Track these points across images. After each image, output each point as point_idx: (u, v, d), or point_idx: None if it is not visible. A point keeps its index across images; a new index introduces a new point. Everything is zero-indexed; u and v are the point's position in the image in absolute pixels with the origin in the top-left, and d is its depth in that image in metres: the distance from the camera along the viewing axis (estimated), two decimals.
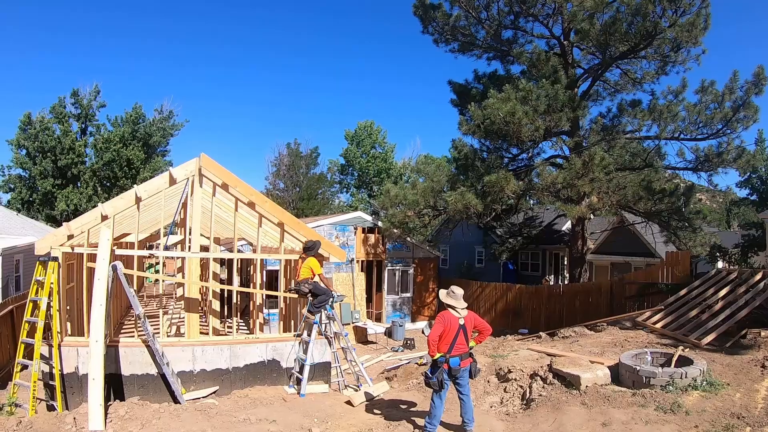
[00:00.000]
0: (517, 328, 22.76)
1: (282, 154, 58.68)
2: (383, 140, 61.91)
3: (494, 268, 33.73)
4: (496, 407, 9.84)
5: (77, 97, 50.82)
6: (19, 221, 34.47)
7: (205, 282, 13.82)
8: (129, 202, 11.06)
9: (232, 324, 12.84)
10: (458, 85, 26.74)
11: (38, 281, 10.59)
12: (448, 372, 8.03)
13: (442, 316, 8.10)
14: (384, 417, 9.57)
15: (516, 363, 11.03)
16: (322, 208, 55.31)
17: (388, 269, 27.37)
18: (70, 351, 10.47)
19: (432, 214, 25.06)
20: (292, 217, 12.46)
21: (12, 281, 24.07)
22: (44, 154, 47.29)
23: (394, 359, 19.36)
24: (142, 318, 10.59)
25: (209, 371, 11.18)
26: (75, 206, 45.52)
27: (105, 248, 10.38)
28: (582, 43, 21.99)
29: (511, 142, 22.33)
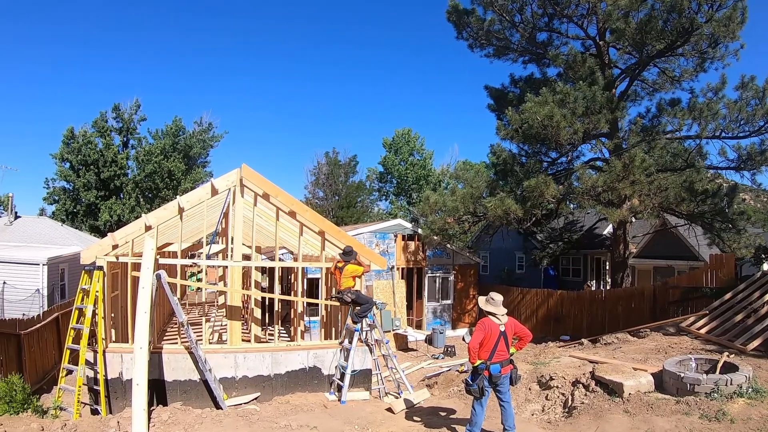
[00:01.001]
0: (558, 334, 22.51)
1: (321, 163, 59.03)
2: (421, 147, 61.79)
3: (535, 274, 33.37)
4: (538, 415, 9.74)
5: (118, 112, 52.02)
6: (63, 232, 35.27)
7: (247, 290, 13.94)
8: (172, 213, 11.30)
9: (273, 331, 12.95)
10: (495, 89, 26.58)
11: (84, 290, 10.87)
12: (488, 379, 7.95)
13: (482, 323, 8.04)
14: (424, 424, 9.53)
15: (558, 370, 10.91)
16: (361, 216, 55.44)
17: (428, 276, 27.32)
18: (114, 357, 10.73)
19: (472, 221, 24.89)
20: (333, 226, 12.53)
21: (57, 289, 24.70)
22: (87, 167, 48.44)
23: (435, 366, 19.28)
24: (185, 325, 10.74)
25: (251, 378, 11.31)
26: (118, 217, 46.48)
27: (149, 257, 10.59)
28: (618, 42, 21.65)
29: (550, 145, 22.12)
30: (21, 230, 33.30)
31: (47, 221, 38.96)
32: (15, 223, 34.80)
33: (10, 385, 10.11)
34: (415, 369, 19.02)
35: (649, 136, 21.47)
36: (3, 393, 10.03)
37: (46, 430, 8.85)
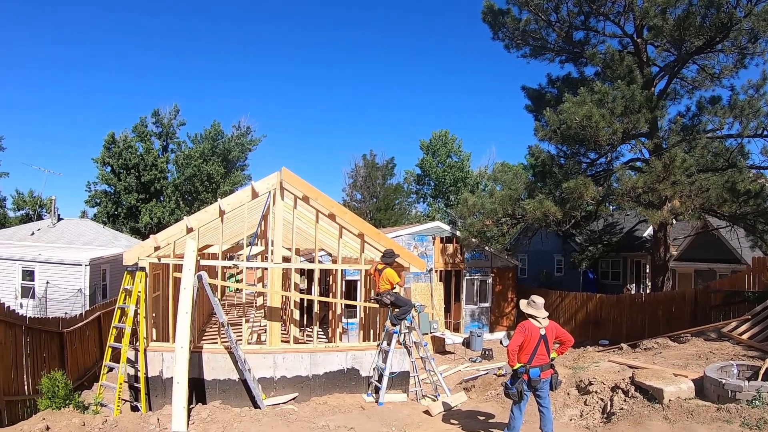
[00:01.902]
0: (597, 339, 22.18)
1: (358, 166, 59.19)
2: (458, 149, 61.50)
3: (574, 277, 32.96)
4: (576, 420, 9.61)
5: (158, 117, 53.04)
6: (105, 233, 35.99)
7: (286, 291, 14.04)
8: (213, 215, 11.47)
9: (311, 333, 13.01)
10: (532, 90, 26.38)
11: (126, 290, 11.08)
12: (528, 383, 7.87)
13: (522, 326, 7.96)
14: (462, 427, 9.49)
15: (597, 375, 10.75)
16: (399, 219, 55.45)
17: (466, 279, 27.23)
18: (155, 355, 10.92)
19: (510, 223, 24.64)
20: (372, 228, 12.54)
21: (99, 289, 25.23)
22: (128, 171, 49.38)
23: (472, 370, 19.20)
24: (225, 326, 10.87)
25: (289, 378, 11.39)
26: (158, 219, 47.26)
27: (191, 259, 10.76)
28: (656, 39, 21.27)
29: (589, 146, 21.84)
30: (63, 232, 34.07)
31: (89, 223, 39.79)
32: (58, 225, 35.61)
33: (53, 381, 10.32)
34: (453, 372, 18.96)
35: (689, 136, 21.04)
36: (46, 389, 10.26)
37: (87, 425, 9.04)
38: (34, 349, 12.17)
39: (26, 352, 11.70)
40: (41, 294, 24.12)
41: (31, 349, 11.98)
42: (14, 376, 11.00)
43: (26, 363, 11.70)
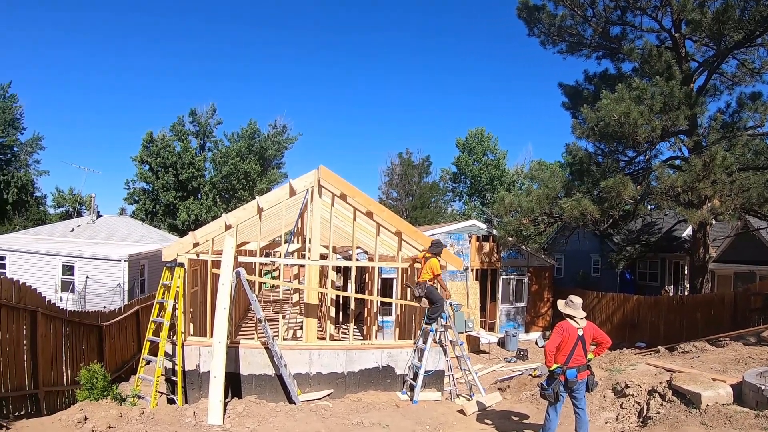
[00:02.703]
0: (634, 341, 21.85)
1: (394, 164, 59.36)
2: (495, 147, 61.18)
3: (611, 278, 32.47)
4: (611, 423, 9.45)
5: (195, 116, 53.76)
6: (143, 230, 36.56)
7: (322, 288, 14.08)
8: (251, 213, 11.58)
9: (346, 330, 13.04)
10: (569, 87, 26.09)
11: (165, 285, 11.25)
12: (564, 384, 7.78)
13: (560, 326, 7.85)
14: (496, 428, 9.41)
15: (633, 378, 10.56)
16: (435, 217, 55.41)
17: (502, 278, 27.05)
18: (192, 350, 11.07)
19: (547, 222, 24.44)
20: (410, 226, 12.52)
21: (138, 284, 25.67)
22: (166, 169, 50.13)
23: (507, 370, 19.07)
24: (263, 321, 10.97)
25: (325, 374, 11.45)
26: (196, 216, 47.89)
27: (229, 255, 10.87)
28: (694, 34, 20.85)
29: (627, 144, 21.47)
30: (103, 228, 34.68)
31: (128, 220, 40.46)
32: (97, 221, 36.25)
33: (92, 373, 10.54)
34: (487, 372, 18.86)
35: (729, 133, 20.56)
36: (85, 380, 10.49)
37: (125, 416, 9.21)
38: (74, 341, 12.40)
39: (66, 345, 11.93)
40: (81, 288, 24.60)
41: (71, 342, 12.21)
42: (54, 368, 11.22)
43: (66, 355, 11.93)
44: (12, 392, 9.41)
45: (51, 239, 30.78)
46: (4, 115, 54.27)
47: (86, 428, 8.28)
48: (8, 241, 29.29)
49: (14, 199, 54.99)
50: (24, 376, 9.99)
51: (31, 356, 10.23)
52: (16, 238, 31.80)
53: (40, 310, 10.45)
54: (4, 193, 54.63)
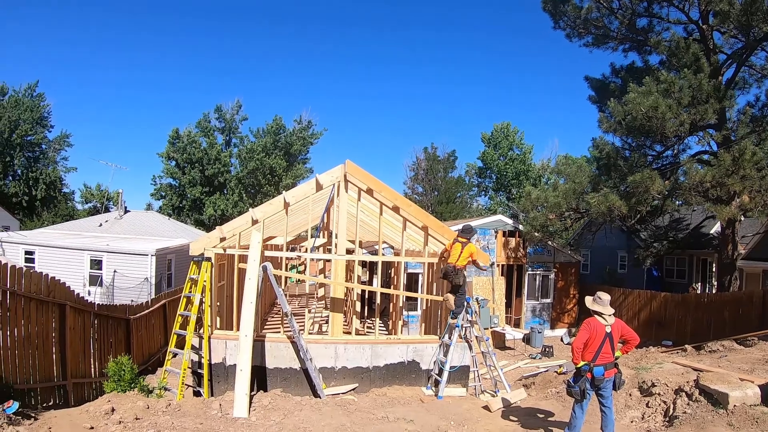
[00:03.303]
0: (660, 339, 21.59)
1: (420, 159, 59.27)
2: (520, 141, 60.70)
3: (637, 275, 32.11)
4: (637, 422, 9.34)
5: (221, 112, 54.16)
6: (170, 225, 36.93)
7: (349, 283, 14.09)
8: (278, 207, 11.65)
9: (371, 324, 13.05)
10: (595, 80, 25.87)
11: (192, 279, 11.35)
12: (591, 381, 7.71)
13: (588, 323, 7.77)
14: (521, 425, 9.35)
15: (660, 376, 10.43)
16: (460, 212, 55.25)
17: (528, 273, 26.91)
18: (218, 343, 11.18)
19: (574, 217, 24.27)
20: (436, 221, 12.49)
21: (165, 278, 25.99)
22: (192, 165, 50.60)
23: (532, 366, 18.97)
24: (289, 316, 11.03)
25: (350, 369, 11.49)
26: (222, 211, 48.25)
27: (256, 250, 10.95)
28: (722, 26, 20.52)
29: (655, 138, 21.20)
30: (130, 223, 35.08)
31: (155, 215, 40.87)
32: (125, 217, 36.68)
33: (119, 365, 10.66)
34: (512, 368, 18.78)
35: (759, 127, 20.26)
36: (112, 372, 10.62)
37: (151, 408, 9.31)
38: (102, 334, 12.59)
39: (94, 337, 12.12)
40: (108, 282, 24.92)
41: (99, 335, 12.41)
42: (82, 360, 11.42)
43: (93, 347, 12.12)
44: (41, 384, 9.60)
45: (79, 234, 31.22)
46: (32, 113, 55.16)
47: (113, 419, 8.37)
48: (37, 236, 29.75)
49: (43, 196, 55.99)
50: (53, 368, 10.17)
51: (60, 348, 10.40)
52: (44, 233, 32.27)
53: (68, 303, 10.61)
54: (33, 189, 55.62)
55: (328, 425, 8.74)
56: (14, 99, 54.97)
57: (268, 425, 8.72)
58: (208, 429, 8.37)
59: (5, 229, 35.32)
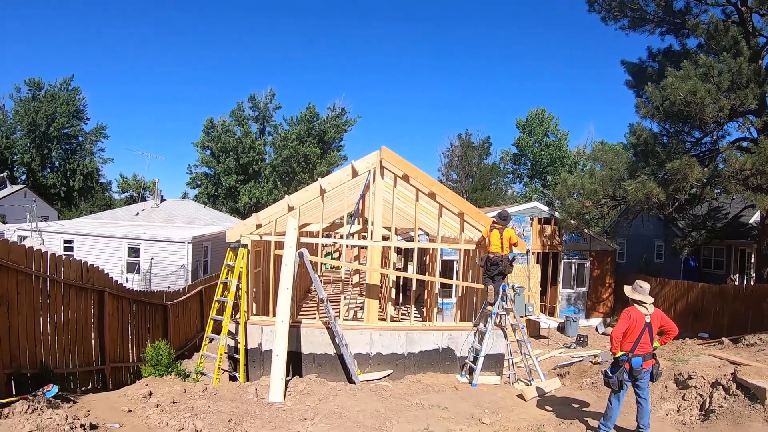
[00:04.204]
0: (696, 331, 21.10)
1: (454, 146, 59.21)
2: (555, 128, 60.22)
3: (674, 264, 31.45)
4: (672, 415, 9.17)
5: (254, 101, 54.67)
6: (206, 213, 37.43)
7: (384, 269, 14.08)
8: (313, 194, 11.72)
9: (405, 311, 13.04)
10: (632, 64, 25.32)
11: (229, 265, 11.47)
12: (629, 372, 7.60)
13: (627, 312, 7.62)
14: (556, 414, 9.25)
15: (697, 369, 10.22)
16: (495, 199, 55.02)
17: (563, 262, 26.63)
18: (254, 329, 11.33)
19: (611, 205, 23.87)
20: (472, 207, 12.42)
21: (201, 265, 26.38)
22: (227, 154, 51.20)
23: (566, 356, 18.84)
24: (325, 302, 11.11)
25: (385, 355, 11.52)
26: (257, 199, 48.80)
27: (292, 236, 11.03)
28: (762, 7, 19.95)
29: (693, 124, 20.68)
30: (167, 212, 35.61)
31: (191, 203, 41.42)
32: (161, 205, 37.24)
33: (157, 350, 10.83)
34: (546, 357, 18.67)
35: None
36: (150, 356, 10.79)
37: (188, 392, 9.49)
38: (139, 320, 12.82)
39: (131, 323, 12.33)
40: (146, 269, 25.33)
41: (137, 320, 12.64)
42: (120, 345, 11.64)
43: (131, 333, 12.34)
44: (79, 368, 9.78)
45: (117, 223, 31.78)
46: (68, 107, 56.46)
47: (151, 403, 8.52)
48: (76, 225, 30.40)
49: (80, 186, 57.31)
50: (91, 353, 10.37)
51: (99, 334, 10.60)
52: (83, 222, 32.96)
53: (107, 290, 10.79)
54: (71, 180, 56.93)
55: (363, 411, 8.78)
56: (50, 93, 56.37)
57: (303, 410, 8.79)
58: (244, 413, 8.48)
59: (44, 219, 36.02)
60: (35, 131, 55.40)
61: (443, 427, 8.29)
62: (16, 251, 7.87)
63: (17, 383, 7.75)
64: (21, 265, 7.93)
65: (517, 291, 12.02)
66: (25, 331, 8.07)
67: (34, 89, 56.83)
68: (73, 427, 6.17)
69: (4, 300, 7.51)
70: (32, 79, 56.76)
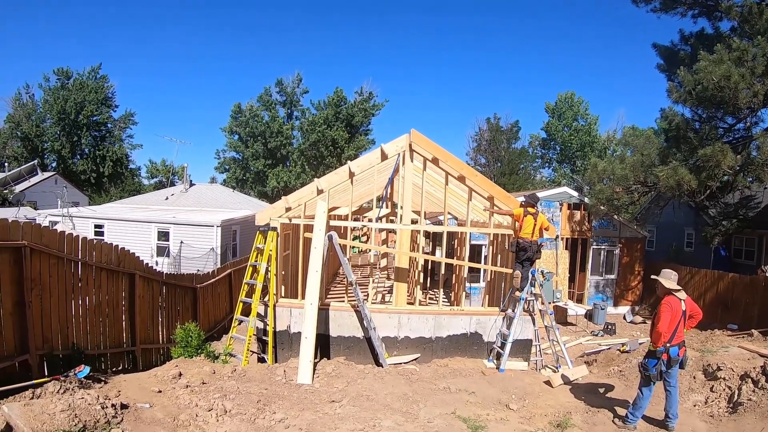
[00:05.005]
0: (725, 322, 20.78)
1: (482, 130, 58.93)
2: (585, 112, 59.57)
3: (704, 254, 30.87)
4: (700, 407, 9.04)
5: (282, 86, 54.90)
6: (234, 197, 37.75)
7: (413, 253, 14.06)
8: (343, 177, 11.74)
9: (433, 295, 13.02)
10: (664, 48, 24.80)
11: (258, 248, 11.55)
12: (667, 362, 7.54)
13: (668, 303, 7.52)
14: (583, 402, 9.20)
15: (726, 360, 10.05)
16: (523, 184, 54.71)
17: (593, 248, 26.32)
18: (283, 311, 11.42)
19: (641, 191, 23.47)
20: (502, 191, 12.29)
21: (230, 248, 26.67)
22: (255, 138, 51.56)
23: (594, 344, 18.73)
24: (354, 285, 11.14)
25: (413, 339, 11.54)
26: (285, 183, 49.15)
27: (321, 219, 11.07)
28: None
29: (727, 109, 20.18)
30: (195, 196, 35.95)
31: (219, 188, 41.83)
32: (190, 190, 37.60)
33: (187, 332, 10.98)
34: (574, 344, 18.59)
35: None
36: (180, 338, 10.95)
37: (217, 373, 9.61)
38: (169, 302, 12.99)
39: (161, 305, 12.50)
40: (175, 253, 25.63)
41: (167, 303, 12.80)
42: (150, 327, 11.81)
43: (161, 315, 12.51)
44: (110, 349, 9.96)
45: (146, 208, 32.17)
46: (97, 94, 57.27)
47: (181, 383, 8.63)
48: (106, 210, 30.85)
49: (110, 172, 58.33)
50: (122, 334, 10.55)
51: (129, 316, 10.76)
52: (113, 207, 33.42)
53: (138, 272, 10.94)
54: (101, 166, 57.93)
55: (391, 394, 8.81)
56: (79, 82, 57.33)
57: (331, 392, 8.83)
58: (273, 394, 8.54)
59: (75, 204, 36.56)
60: (65, 119, 56.34)
61: (470, 411, 8.27)
62: (47, 235, 8.00)
63: (49, 364, 7.90)
64: (53, 248, 8.07)
65: (546, 276, 11.89)
66: (57, 314, 8.22)
67: (63, 78, 57.74)
68: (104, 407, 6.27)
69: (37, 283, 7.64)
70: (60, 69, 57.71)
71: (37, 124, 57.34)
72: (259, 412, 7.54)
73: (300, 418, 7.47)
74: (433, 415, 7.98)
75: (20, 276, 7.30)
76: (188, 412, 7.28)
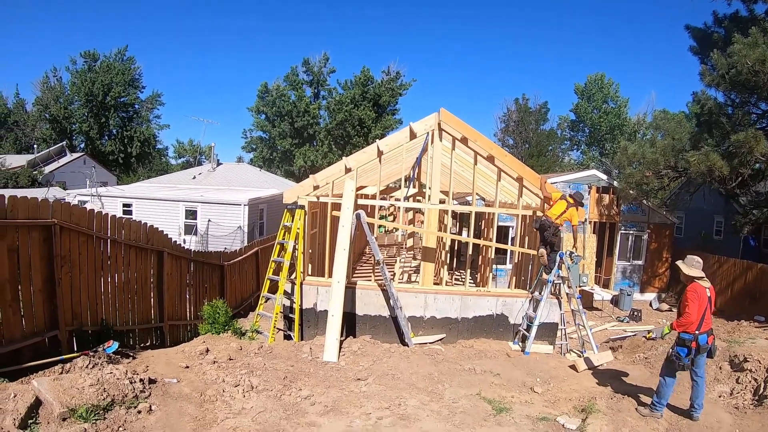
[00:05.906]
0: (752, 314, 20.19)
1: (511, 111, 58.51)
2: (615, 94, 58.76)
3: (734, 243, 30.29)
4: (725, 398, 8.89)
5: (308, 66, 54.93)
6: (261, 176, 37.99)
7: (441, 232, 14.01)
8: (371, 156, 11.67)
9: (458, 276, 12.98)
10: (697, 29, 24.31)
11: (285, 226, 11.61)
12: (696, 351, 7.42)
13: (695, 291, 7.39)
14: (608, 387, 9.11)
15: (753, 352, 9.86)
16: (551, 166, 54.24)
17: (621, 233, 26.04)
18: (310, 289, 11.45)
19: (672, 176, 23.00)
20: (532, 172, 12.13)
21: (257, 227, 26.94)
22: (282, 118, 51.71)
23: (619, 330, 18.56)
24: (381, 264, 11.13)
25: (439, 319, 11.53)
26: (311, 162, 49.32)
27: (349, 198, 11.07)
28: None
29: (761, 95, 19.69)
30: (223, 175, 36.25)
31: (246, 167, 42.11)
32: (217, 169, 37.92)
33: (214, 309, 11.09)
34: (599, 329, 18.44)
35: None
36: (207, 315, 11.07)
37: (244, 349, 9.74)
38: (197, 279, 13.15)
39: (189, 282, 12.64)
40: (203, 231, 25.87)
41: (194, 280, 12.96)
42: (178, 303, 12.00)
43: (189, 292, 12.66)
44: (139, 325, 10.16)
45: (174, 187, 32.50)
46: (124, 76, 57.91)
47: (208, 359, 8.73)
48: (134, 189, 31.23)
49: (138, 152, 59.15)
50: (150, 311, 10.74)
51: (158, 292, 10.94)
52: (141, 186, 33.82)
53: (166, 250, 11.09)
54: (129, 147, 58.81)
55: (416, 373, 8.83)
56: (106, 64, 58.07)
57: (357, 370, 8.89)
58: (299, 371, 8.61)
59: (103, 184, 37.03)
60: (92, 101, 57.06)
61: (495, 393, 8.28)
62: (77, 213, 8.14)
63: (79, 340, 8.08)
64: (82, 226, 8.19)
65: (574, 260, 11.79)
66: (87, 290, 8.38)
67: (90, 61, 58.38)
68: (132, 382, 6.39)
69: (66, 260, 7.76)
70: (87, 51, 58.34)
71: (65, 107, 58.02)
72: (285, 388, 7.61)
73: (326, 395, 7.53)
74: (458, 395, 7.99)
75: (50, 253, 7.43)
76: (215, 387, 7.37)
